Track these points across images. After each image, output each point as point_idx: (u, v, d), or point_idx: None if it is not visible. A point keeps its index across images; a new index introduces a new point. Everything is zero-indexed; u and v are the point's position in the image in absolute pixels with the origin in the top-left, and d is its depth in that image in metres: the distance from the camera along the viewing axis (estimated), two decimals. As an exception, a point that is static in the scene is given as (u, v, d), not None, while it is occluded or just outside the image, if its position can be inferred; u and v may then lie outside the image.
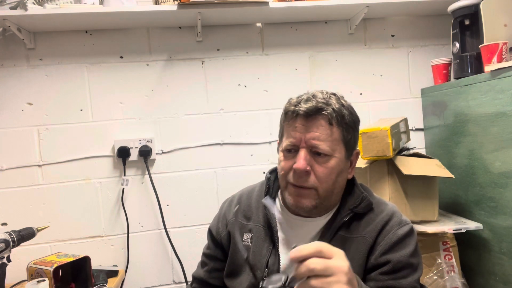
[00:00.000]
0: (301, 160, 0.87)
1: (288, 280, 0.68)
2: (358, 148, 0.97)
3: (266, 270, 0.95)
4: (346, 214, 0.93)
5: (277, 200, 1.03)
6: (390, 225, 0.91)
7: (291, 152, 0.91)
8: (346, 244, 0.91)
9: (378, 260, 0.89)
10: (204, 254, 1.12)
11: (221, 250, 1.07)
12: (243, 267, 0.99)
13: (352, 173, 0.98)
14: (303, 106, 0.88)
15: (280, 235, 0.98)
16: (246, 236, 1.01)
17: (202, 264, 1.11)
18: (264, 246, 0.97)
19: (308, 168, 0.88)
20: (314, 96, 0.91)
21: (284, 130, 0.94)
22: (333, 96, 0.93)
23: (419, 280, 0.90)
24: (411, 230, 0.92)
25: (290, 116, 0.92)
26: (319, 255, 0.66)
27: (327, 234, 0.92)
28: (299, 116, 0.90)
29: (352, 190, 0.97)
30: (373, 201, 0.95)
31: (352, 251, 0.90)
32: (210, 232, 1.11)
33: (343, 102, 0.93)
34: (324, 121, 0.89)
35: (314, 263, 0.65)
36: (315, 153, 0.89)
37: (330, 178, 0.90)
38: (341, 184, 0.94)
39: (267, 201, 0.95)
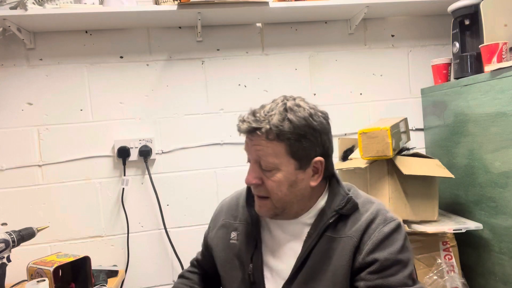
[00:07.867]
0: (248, 175, 0.95)
1: None
2: (320, 157, 0.93)
3: (251, 265, 0.98)
4: (331, 216, 0.94)
5: None
6: (376, 224, 0.92)
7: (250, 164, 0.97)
8: (333, 244, 0.93)
9: (365, 259, 0.89)
10: (197, 260, 1.23)
11: (210, 263, 1.13)
12: (233, 261, 1.03)
13: (318, 180, 0.95)
14: (242, 126, 0.92)
15: (266, 234, 1.01)
16: (233, 234, 1.05)
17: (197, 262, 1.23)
18: (249, 242, 1.01)
19: (255, 181, 0.94)
20: (254, 113, 0.92)
21: None
22: (280, 108, 0.90)
23: (410, 275, 0.89)
24: (398, 226, 0.92)
25: (240, 131, 0.96)
26: None
27: (313, 235, 0.94)
28: (244, 132, 0.94)
29: (336, 190, 0.98)
30: (358, 201, 0.96)
31: (338, 251, 0.92)
32: (204, 239, 1.18)
33: (290, 114, 0.89)
34: (262, 138, 0.90)
35: None
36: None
37: (279, 190, 0.92)
38: (299, 194, 0.94)
39: None
